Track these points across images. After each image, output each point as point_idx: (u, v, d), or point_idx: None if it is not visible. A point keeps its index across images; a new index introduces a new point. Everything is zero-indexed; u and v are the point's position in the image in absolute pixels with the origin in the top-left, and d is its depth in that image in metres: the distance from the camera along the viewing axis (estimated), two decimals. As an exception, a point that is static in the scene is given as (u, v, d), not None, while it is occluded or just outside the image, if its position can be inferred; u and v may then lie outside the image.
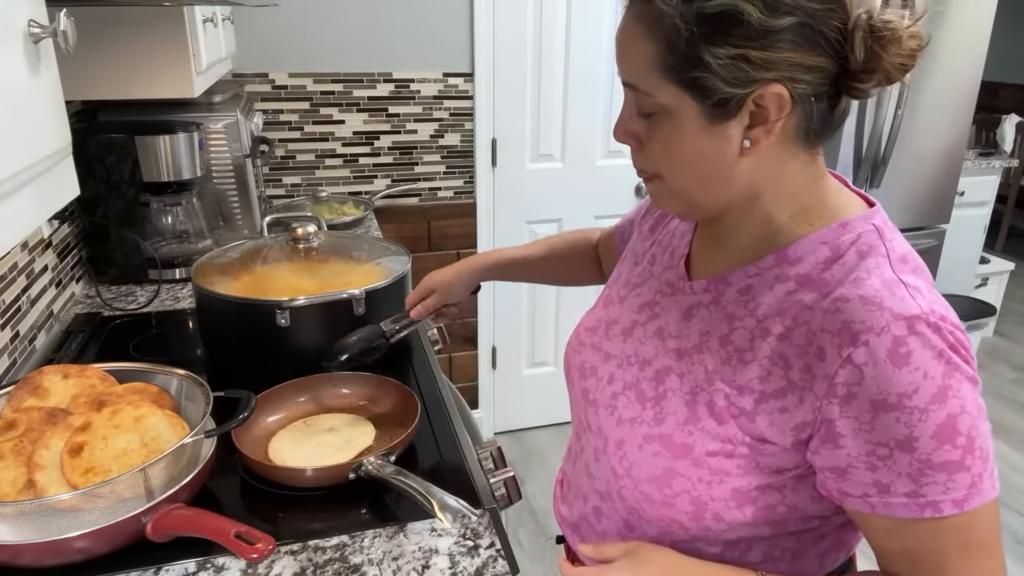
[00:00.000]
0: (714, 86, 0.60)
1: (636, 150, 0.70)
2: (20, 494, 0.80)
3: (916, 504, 0.60)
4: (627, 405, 0.75)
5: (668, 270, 0.80)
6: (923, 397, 0.58)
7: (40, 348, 1.39)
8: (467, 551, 0.85)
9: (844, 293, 0.62)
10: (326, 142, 2.42)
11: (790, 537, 0.72)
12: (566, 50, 2.53)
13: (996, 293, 3.71)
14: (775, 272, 0.68)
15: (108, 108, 1.74)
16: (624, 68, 0.66)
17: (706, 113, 0.62)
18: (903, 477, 0.59)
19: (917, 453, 0.59)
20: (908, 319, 0.59)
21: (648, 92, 0.64)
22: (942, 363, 0.59)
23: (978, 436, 0.60)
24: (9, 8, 0.62)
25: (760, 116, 0.62)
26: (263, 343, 1.22)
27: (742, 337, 0.69)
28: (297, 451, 1.01)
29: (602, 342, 0.84)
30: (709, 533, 0.70)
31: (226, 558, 0.83)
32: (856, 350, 0.59)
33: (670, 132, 0.65)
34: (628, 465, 0.73)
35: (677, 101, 0.63)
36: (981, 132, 3.83)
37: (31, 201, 0.67)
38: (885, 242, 0.66)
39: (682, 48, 0.60)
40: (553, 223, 2.75)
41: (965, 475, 0.59)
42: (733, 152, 0.64)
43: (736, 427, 0.67)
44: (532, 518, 2.44)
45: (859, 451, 0.60)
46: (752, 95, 0.61)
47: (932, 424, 0.58)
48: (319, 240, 1.41)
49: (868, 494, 0.61)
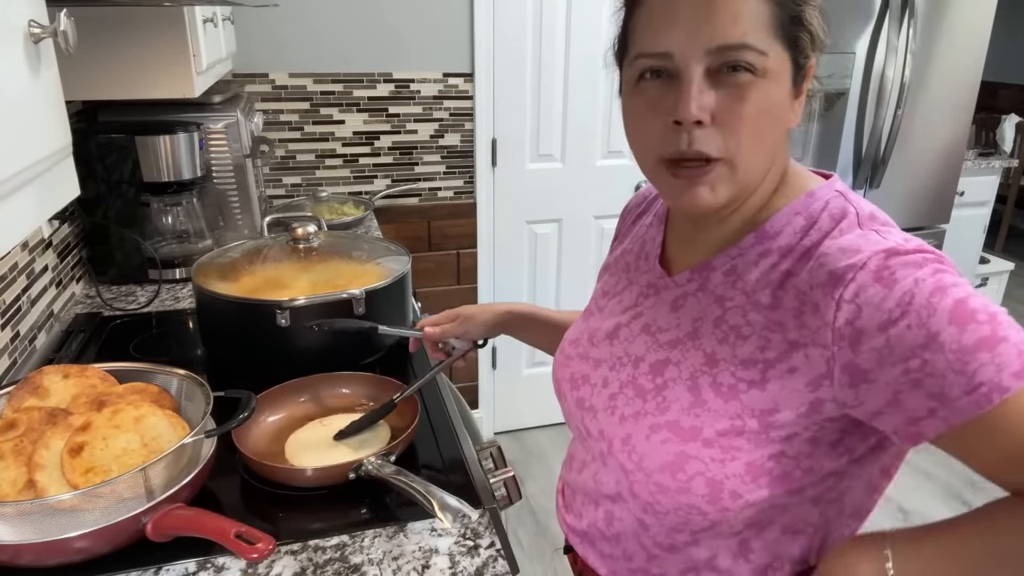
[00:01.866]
0: (805, 47, 0.64)
1: (703, 130, 0.64)
2: (20, 494, 0.80)
3: (980, 395, 0.56)
4: (627, 402, 0.75)
5: (645, 273, 0.81)
6: (922, 296, 0.58)
7: (40, 348, 1.39)
8: (467, 551, 0.85)
9: (823, 249, 0.65)
10: (326, 142, 2.42)
11: (810, 506, 0.71)
12: (566, 50, 2.53)
13: (996, 293, 3.71)
14: (757, 249, 0.70)
15: (108, 108, 1.74)
16: (727, 29, 0.62)
17: (794, 77, 0.66)
18: (950, 375, 0.56)
19: (946, 345, 0.56)
20: (885, 250, 0.61)
21: (762, 50, 0.62)
22: (928, 267, 0.60)
23: (999, 312, 0.58)
24: (9, 8, 0.62)
25: (801, 89, 0.66)
26: (263, 343, 1.22)
27: (735, 315, 0.70)
28: (314, 451, 1.01)
29: (588, 350, 0.84)
30: (728, 514, 0.69)
31: (226, 558, 0.83)
32: (845, 289, 0.61)
33: (768, 94, 0.64)
34: (638, 458, 0.72)
35: (781, 62, 0.64)
36: (981, 132, 3.83)
37: (31, 201, 0.67)
38: (852, 204, 0.69)
39: (792, 5, 0.63)
40: (553, 223, 2.75)
41: (1007, 346, 0.56)
42: (793, 123, 0.68)
43: (744, 402, 0.67)
44: (532, 518, 2.44)
45: (894, 376, 0.59)
46: (809, 63, 0.65)
47: (944, 313, 0.57)
48: (319, 240, 1.41)
49: (933, 409, 0.58)
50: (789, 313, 0.65)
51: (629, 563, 0.80)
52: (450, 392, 1.27)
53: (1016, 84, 5.09)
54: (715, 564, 0.74)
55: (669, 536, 0.75)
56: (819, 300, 0.63)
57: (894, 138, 2.59)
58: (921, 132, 2.70)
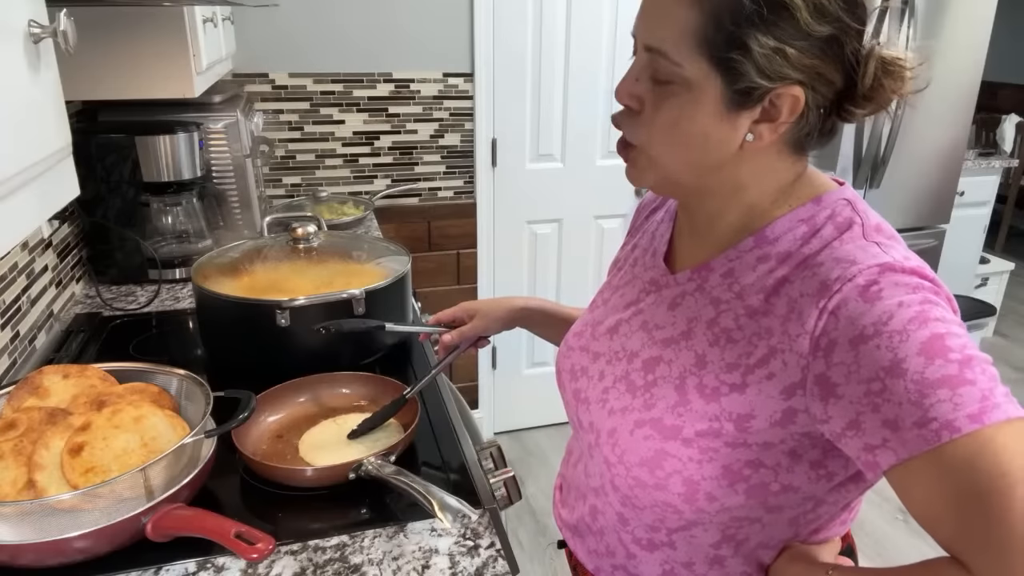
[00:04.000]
0: (746, 72, 0.61)
1: (630, 115, 0.68)
2: (20, 494, 0.80)
3: (930, 431, 0.54)
4: (618, 396, 0.76)
5: (649, 269, 0.82)
6: (900, 321, 0.57)
7: (40, 348, 1.39)
8: (467, 551, 0.85)
9: (820, 259, 0.64)
10: (326, 142, 2.42)
11: (787, 526, 0.72)
12: (566, 50, 2.53)
13: (996, 293, 3.71)
14: (756, 253, 0.70)
15: (108, 108, 1.74)
16: (652, 30, 0.64)
17: (727, 98, 0.63)
18: (906, 405, 0.55)
19: (909, 374, 0.55)
20: (880, 265, 0.60)
21: (676, 62, 0.62)
22: (918, 295, 0.59)
23: (976, 357, 0.56)
24: (9, 8, 0.62)
25: (771, 114, 0.63)
26: (263, 343, 1.22)
27: (727, 318, 0.70)
28: (329, 450, 1.01)
29: (589, 343, 0.85)
30: (704, 516, 0.70)
31: (226, 558, 0.83)
32: (830, 299, 0.61)
33: (683, 107, 0.64)
34: (620, 452, 0.73)
35: (703, 78, 0.62)
36: (981, 132, 3.83)
37: (31, 201, 0.67)
38: (859, 214, 0.68)
39: (729, 26, 0.60)
40: (553, 223, 2.75)
41: (971, 388, 0.54)
42: (736, 143, 0.65)
43: (723, 405, 0.67)
44: (532, 518, 2.44)
45: (857, 394, 0.58)
46: (773, 92, 0.62)
47: (915, 343, 0.56)
48: (319, 240, 1.41)
49: (886, 439, 0.57)
50: (778, 320, 0.65)
51: (612, 559, 0.81)
52: (450, 392, 1.27)
53: (1016, 84, 5.09)
54: (691, 569, 0.75)
55: (647, 533, 0.75)
56: (805, 308, 0.63)
57: (894, 138, 2.59)
58: (921, 132, 2.70)
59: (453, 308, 1.12)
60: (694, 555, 0.74)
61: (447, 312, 1.12)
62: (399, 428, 1.06)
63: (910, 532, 2.37)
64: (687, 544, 0.73)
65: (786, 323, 0.64)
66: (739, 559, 0.73)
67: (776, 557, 0.74)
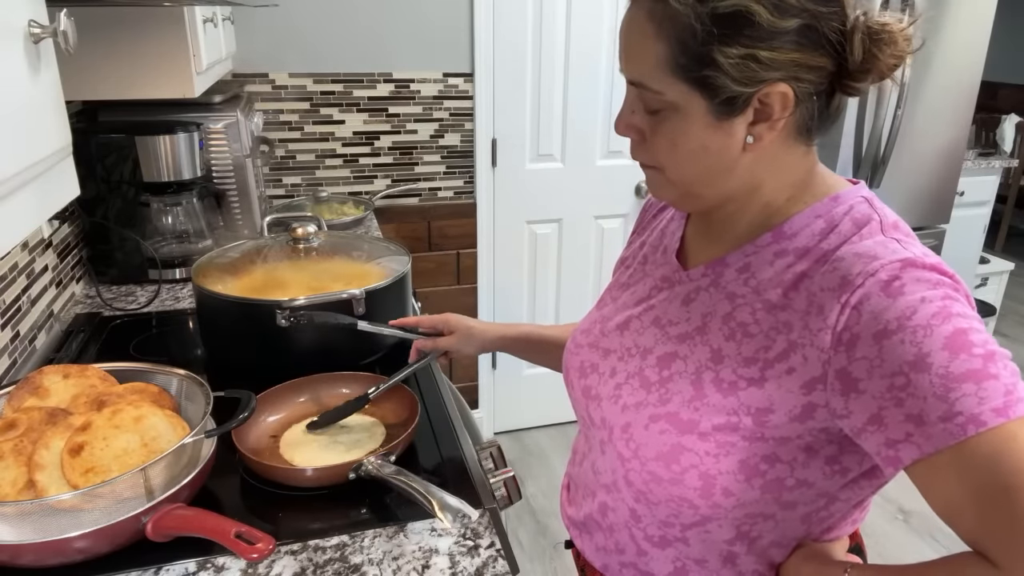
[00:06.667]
0: (723, 84, 0.62)
1: (637, 143, 0.71)
2: (20, 494, 0.80)
3: (956, 425, 0.55)
4: (631, 392, 0.76)
5: (661, 266, 0.82)
6: (923, 316, 0.57)
7: (40, 348, 1.39)
8: (467, 551, 0.85)
9: (840, 254, 0.65)
10: (326, 142, 2.42)
11: (800, 524, 0.72)
12: (566, 50, 2.53)
13: (996, 293, 3.71)
14: (773, 248, 0.70)
15: (108, 108, 1.74)
16: (631, 66, 0.67)
17: (713, 110, 0.64)
18: (931, 400, 0.56)
19: (934, 368, 0.56)
20: (901, 261, 0.61)
21: (657, 91, 0.65)
22: (940, 290, 0.59)
23: (998, 352, 0.57)
24: (9, 8, 0.62)
25: (764, 113, 0.64)
26: (263, 343, 1.22)
27: (744, 312, 0.70)
28: (308, 450, 1.01)
29: (599, 340, 0.84)
30: (719, 511, 0.69)
31: (226, 558, 0.83)
32: (852, 294, 0.61)
33: (676, 127, 0.66)
34: (635, 446, 0.73)
35: (686, 98, 0.64)
36: (981, 132, 3.83)
37: (31, 201, 0.67)
38: (877, 211, 0.69)
39: (694, 48, 0.62)
40: (553, 223, 2.75)
41: (995, 383, 0.55)
42: (737, 147, 0.66)
43: (741, 399, 0.67)
44: (532, 518, 2.44)
45: (880, 388, 0.58)
46: (758, 93, 0.63)
47: (940, 337, 0.56)
48: (319, 240, 1.41)
49: (909, 433, 0.57)
50: (797, 314, 0.65)
51: (621, 556, 0.80)
52: (450, 392, 1.27)
53: (1016, 84, 5.09)
54: (704, 566, 0.75)
55: (660, 529, 0.75)
56: (825, 303, 0.63)
57: (894, 138, 2.59)
58: (921, 132, 2.70)
59: (436, 316, 1.13)
60: (707, 552, 0.74)
61: (429, 318, 1.13)
62: (382, 429, 1.06)
63: (910, 532, 2.37)
64: (701, 541, 0.73)
65: (806, 318, 0.64)
66: (752, 557, 0.73)
67: (788, 556, 0.74)
